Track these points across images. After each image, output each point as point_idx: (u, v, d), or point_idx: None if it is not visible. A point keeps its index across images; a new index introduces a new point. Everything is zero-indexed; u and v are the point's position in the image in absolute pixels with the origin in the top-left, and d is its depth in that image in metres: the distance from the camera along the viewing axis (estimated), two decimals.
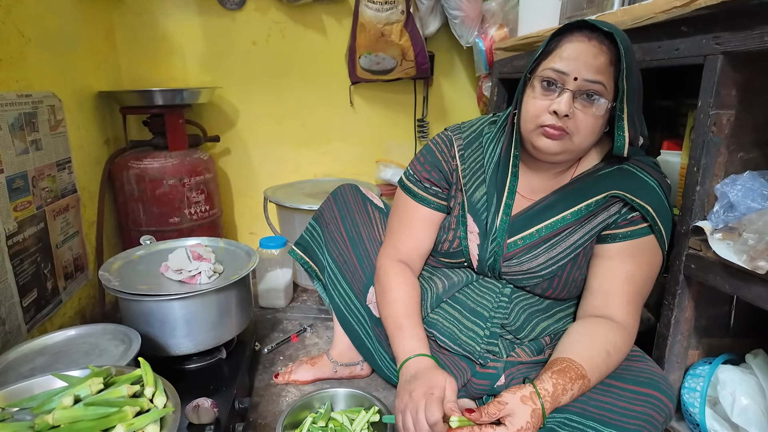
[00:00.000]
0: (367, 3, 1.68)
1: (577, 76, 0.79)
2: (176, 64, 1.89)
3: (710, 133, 0.83)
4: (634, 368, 0.82)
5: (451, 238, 0.98)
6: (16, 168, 1.17)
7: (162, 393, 0.70)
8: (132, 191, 1.64)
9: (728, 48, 0.78)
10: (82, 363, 0.89)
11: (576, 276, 0.91)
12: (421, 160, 1.01)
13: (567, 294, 0.93)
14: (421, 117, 2.06)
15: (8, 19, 1.18)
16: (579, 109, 0.80)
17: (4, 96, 1.14)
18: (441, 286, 1.01)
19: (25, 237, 1.19)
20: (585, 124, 0.81)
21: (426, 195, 0.99)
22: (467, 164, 0.97)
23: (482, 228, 0.94)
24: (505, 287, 0.96)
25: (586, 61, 0.78)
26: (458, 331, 0.97)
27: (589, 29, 0.79)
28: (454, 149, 0.98)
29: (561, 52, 0.81)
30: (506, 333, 0.96)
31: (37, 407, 0.67)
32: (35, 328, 1.22)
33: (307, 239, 1.20)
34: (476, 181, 0.96)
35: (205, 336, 1.11)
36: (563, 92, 0.80)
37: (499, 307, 0.95)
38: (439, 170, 0.99)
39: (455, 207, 0.99)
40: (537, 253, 0.91)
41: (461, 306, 0.98)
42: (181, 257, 1.14)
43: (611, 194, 0.86)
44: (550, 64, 0.81)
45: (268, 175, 2.05)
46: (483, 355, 0.94)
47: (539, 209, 0.92)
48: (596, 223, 0.89)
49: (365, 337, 1.12)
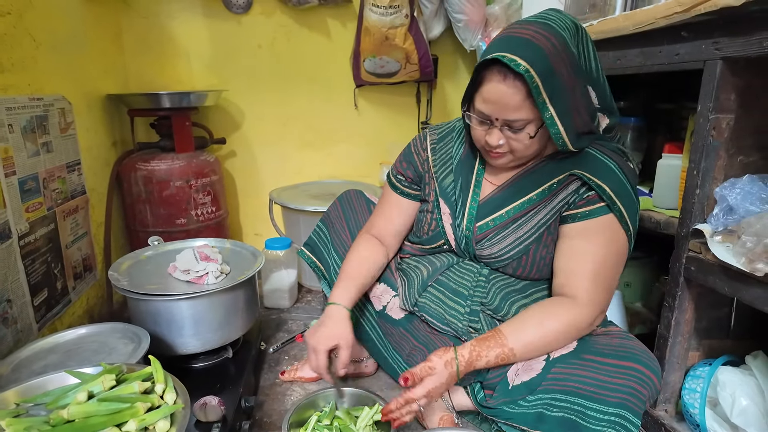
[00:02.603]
0: (371, 7, 1.70)
1: (498, 117, 0.85)
2: (182, 67, 1.92)
3: (710, 136, 0.84)
4: (615, 344, 0.87)
5: (429, 221, 1.08)
6: (28, 170, 1.20)
7: (172, 390, 0.72)
8: (139, 193, 1.67)
9: (728, 53, 0.79)
10: (92, 361, 0.91)
11: (543, 254, 0.95)
12: (400, 156, 1.14)
13: (538, 273, 0.97)
14: (425, 119, 2.07)
15: (20, 24, 1.21)
16: (510, 136, 0.87)
17: (17, 99, 1.17)
18: (426, 272, 1.08)
19: (37, 237, 1.22)
20: (521, 144, 0.88)
21: (398, 184, 1.13)
22: (438, 155, 1.08)
23: (452, 210, 1.03)
24: (483, 268, 1.02)
25: (502, 103, 0.83)
26: (443, 311, 1.04)
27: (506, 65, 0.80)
28: (426, 143, 1.10)
29: (483, 92, 0.85)
30: (486, 310, 1.01)
31: (51, 402, 0.69)
32: (45, 326, 1.24)
33: (314, 240, 1.25)
34: (446, 169, 1.06)
35: (212, 335, 1.13)
36: (492, 127, 0.88)
37: (477, 286, 1.01)
38: (410, 163, 1.11)
39: (430, 193, 1.08)
40: (505, 233, 0.97)
41: (444, 287, 1.05)
42: (189, 258, 1.16)
43: (570, 173, 0.90)
44: (477, 104, 0.88)
45: (273, 177, 2.07)
46: (467, 332, 1.00)
47: (507, 192, 0.98)
48: (557, 202, 0.93)
49: (371, 331, 1.16)
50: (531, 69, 0.78)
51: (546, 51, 0.79)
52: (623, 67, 1.04)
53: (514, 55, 0.78)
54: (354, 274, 1.06)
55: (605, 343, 0.87)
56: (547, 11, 0.86)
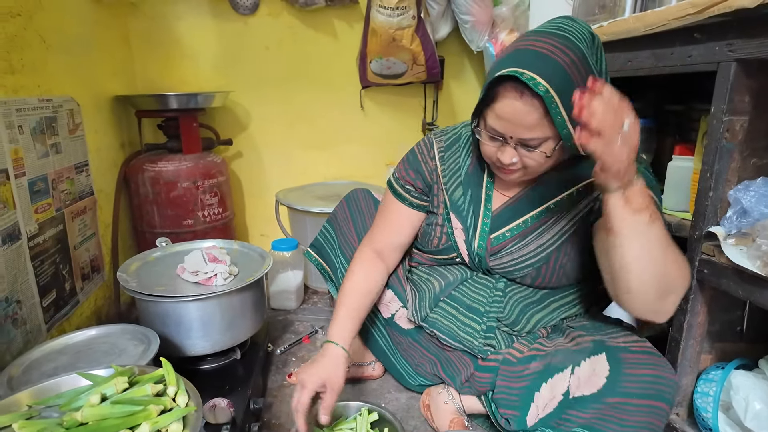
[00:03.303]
0: (378, 8, 1.70)
1: (512, 136, 0.81)
2: (189, 68, 1.92)
3: (723, 139, 0.84)
4: (644, 378, 0.81)
5: (439, 234, 1.03)
6: (38, 171, 1.20)
7: (184, 392, 0.72)
8: (147, 193, 1.67)
9: (742, 55, 0.79)
10: (103, 362, 0.91)
11: (564, 263, 0.94)
12: (405, 163, 1.07)
13: (557, 281, 0.96)
14: (431, 120, 2.07)
15: (30, 26, 1.21)
16: (524, 154, 0.83)
17: (27, 101, 1.17)
18: (438, 285, 1.05)
19: (45, 238, 1.22)
20: (535, 161, 0.84)
21: (404, 194, 1.05)
22: (446, 165, 1.02)
23: (464, 224, 0.99)
24: (499, 281, 1.00)
25: (517, 121, 0.79)
26: (456, 328, 1.01)
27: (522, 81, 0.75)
28: (433, 151, 1.04)
29: (496, 109, 0.80)
30: (503, 326, 0.99)
31: (64, 405, 0.69)
32: (54, 327, 1.24)
33: (321, 241, 1.23)
34: (455, 181, 1.01)
35: (220, 337, 1.13)
36: (505, 145, 0.83)
37: (493, 302, 0.99)
38: (418, 171, 1.04)
39: (439, 205, 1.03)
40: (527, 241, 0.94)
41: (458, 303, 1.02)
42: (197, 259, 1.16)
43: (590, 181, 0.88)
44: (489, 120, 0.83)
45: (279, 178, 2.07)
46: (482, 349, 0.98)
47: (522, 201, 0.96)
48: (580, 208, 0.92)
49: (377, 335, 1.15)
50: (550, 89, 0.74)
51: (565, 67, 0.75)
52: (634, 68, 1.03)
53: (532, 71, 0.74)
54: (352, 307, 1.00)
55: (634, 379, 0.81)
56: (562, 21, 0.81)
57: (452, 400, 1.04)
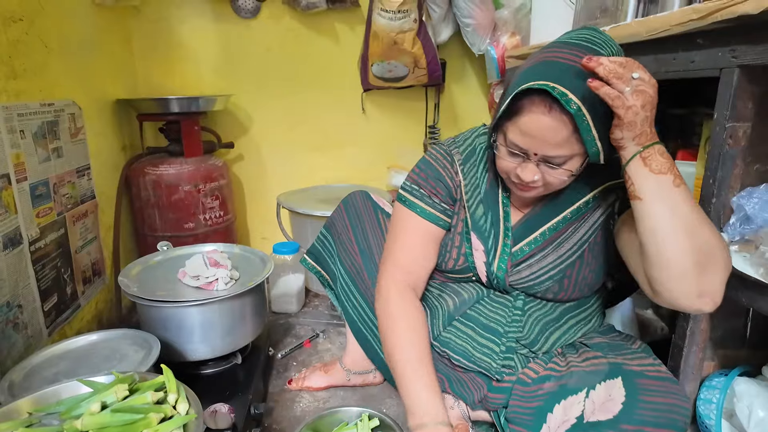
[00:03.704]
0: (380, 11, 1.70)
1: (537, 152, 0.76)
2: (191, 71, 1.92)
3: (726, 145, 0.83)
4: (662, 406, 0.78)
5: (456, 256, 0.97)
6: (39, 175, 1.20)
7: (184, 400, 0.71)
8: (148, 197, 1.67)
9: (745, 61, 0.78)
10: (103, 368, 0.91)
11: (586, 274, 0.92)
12: (423, 175, 0.97)
13: (579, 293, 0.94)
14: (433, 123, 2.07)
15: (32, 30, 1.21)
16: (547, 171, 0.79)
17: (29, 105, 1.17)
18: (452, 303, 1.00)
19: (47, 243, 1.22)
20: (555, 181, 0.80)
21: (432, 211, 0.95)
22: (468, 180, 0.96)
23: (486, 245, 0.94)
24: (517, 299, 0.96)
25: (545, 138, 0.74)
26: (472, 348, 0.97)
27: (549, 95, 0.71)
28: (456, 165, 0.97)
29: (521, 123, 0.75)
30: (521, 347, 0.96)
31: (64, 412, 0.69)
32: (55, 332, 1.24)
33: (318, 248, 1.20)
34: (476, 199, 0.95)
35: (221, 341, 1.13)
36: (526, 161, 0.79)
37: (512, 322, 0.95)
38: (445, 185, 0.96)
39: (458, 223, 0.97)
40: (545, 253, 0.92)
41: (474, 323, 0.98)
42: (198, 263, 1.15)
43: (606, 187, 0.88)
44: (510, 134, 0.78)
45: (280, 181, 2.07)
46: (499, 371, 0.95)
47: (539, 213, 0.93)
48: (598, 216, 0.91)
49: (380, 350, 1.11)
50: (582, 107, 0.70)
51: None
52: None
53: (563, 86, 0.70)
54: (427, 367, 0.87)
55: (650, 407, 0.78)
56: (589, 32, 0.77)
57: (458, 405, 1.01)
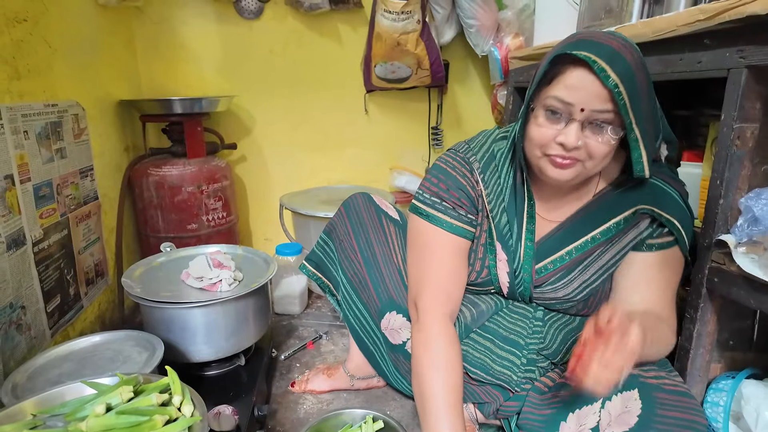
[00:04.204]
0: (383, 12, 1.70)
1: (584, 107, 0.73)
2: (194, 72, 1.92)
3: (734, 146, 0.83)
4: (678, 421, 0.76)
5: (479, 268, 0.94)
6: (43, 176, 1.20)
7: (189, 401, 0.71)
8: (151, 198, 1.67)
9: (753, 61, 0.78)
10: (107, 369, 0.91)
11: (609, 291, 0.92)
12: (443, 186, 0.92)
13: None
14: (435, 125, 2.06)
15: (36, 31, 1.21)
16: (589, 137, 0.75)
17: (32, 106, 1.17)
18: (469, 315, 0.96)
19: (50, 244, 1.22)
20: (598, 150, 0.76)
21: (459, 224, 0.91)
22: (490, 189, 0.92)
23: (510, 255, 0.92)
24: (537, 310, 0.95)
25: (592, 90, 0.72)
26: (491, 361, 0.94)
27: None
28: (476, 174, 0.93)
29: (565, 79, 0.74)
30: (542, 359, 0.94)
31: (69, 414, 0.68)
32: (58, 333, 1.24)
33: (319, 255, 1.16)
34: (499, 207, 0.92)
35: (224, 343, 1.12)
36: (570, 122, 0.75)
37: (533, 333, 0.94)
38: (468, 196, 0.92)
39: (481, 235, 0.94)
40: (571, 277, 0.90)
41: (493, 335, 0.95)
42: (202, 265, 1.15)
43: (639, 210, 0.86)
44: (553, 92, 0.75)
45: (283, 182, 2.07)
46: (520, 384, 0.92)
47: (566, 231, 0.91)
48: (627, 241, 0.89)
49: (381, 360, 1.09)
50: (621, 85, 0.70)
51: (633, 67, 0.71)
52: None
53: (603, 61, 0.69)
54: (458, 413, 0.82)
55: (666, 422, 0.75)
56: (611, 31, 0.79)
57: (465, 408, 1.00)
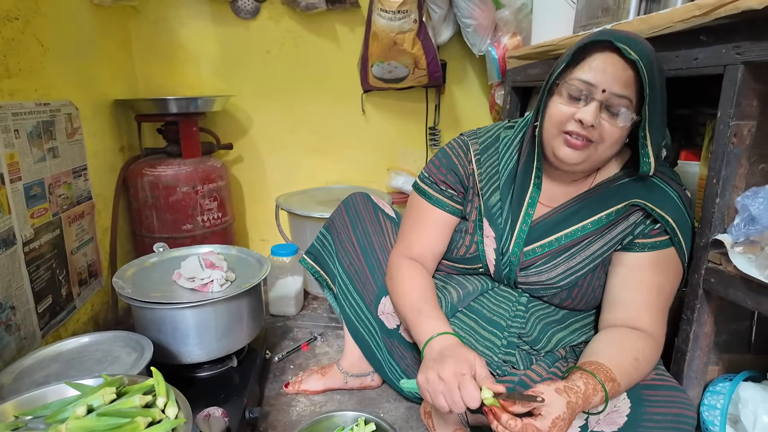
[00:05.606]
0: (380, 12, 1.69)
1: (605, 89, 0.78)
2: (191, 73, 1.92)
3: (730, 144, 0.81)
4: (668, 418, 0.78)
5: (468, 243, 0.98)
6: (34, 175, 1.19)
7: (174, 403, 0.70)
8: (146, 198, 1.66)
9: (749, 58, 0.76)
10: (95, 370, 0.90)
11: (596, 286, 0.91)
12: (437, 163, 1.00)
13: (585, 305, 0.93)
14: (433, 125, 2.05)
15: (27, 30, 1.21)
16: (605, 119, 0.80)
17: (23, 105, 1.16)
18: (456, 295, 0.99)
19: (42, 243, 1.21)
20: (610, 134, 0.81)
21: (441, 197, 0.99)
22: (483, 169, 0.97)
23: (498, 233, 0.94)
24: (521, 296, 0.95)
25: (614, 73, 0.78)
26: (475, 341, 0.96)
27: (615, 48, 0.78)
28: (470, 154, 0.99)
29: (591, 61, 0.80)
30: (523, 344, 0.95)
31: (50, 416, 0.67)
32: (50, 333, 1.23)
33: (318, 248, 1.20)
34: (491, 186, 0.96)
35: (216, 344, 1.11)
36: (590, 102, 0.80)
37: (515, 317, 0.94)
38: (455, 173, 0.99)
39: (472, 211, 0.99)
40: (556, 262, 0.90)
41: (477, 315, 0.97)
42: (194, 265, 1.14)
43: (632, 203, 0.86)
44: (578, 74, 0.81)
45: (279, 182, 2.06)
46: (501, 366, 0.93)
47: (559, 217, 0.92)
48: (616, 233, 0.88)
49: (375, 348, 1.11)
50: (641, 62, 0.76)
51: (651, 56, 0.78)
52: None
53: (625, 44, 0.77)
54: (432, 305, 0.90)
55: (656, 419, 0.77)
56: None
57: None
